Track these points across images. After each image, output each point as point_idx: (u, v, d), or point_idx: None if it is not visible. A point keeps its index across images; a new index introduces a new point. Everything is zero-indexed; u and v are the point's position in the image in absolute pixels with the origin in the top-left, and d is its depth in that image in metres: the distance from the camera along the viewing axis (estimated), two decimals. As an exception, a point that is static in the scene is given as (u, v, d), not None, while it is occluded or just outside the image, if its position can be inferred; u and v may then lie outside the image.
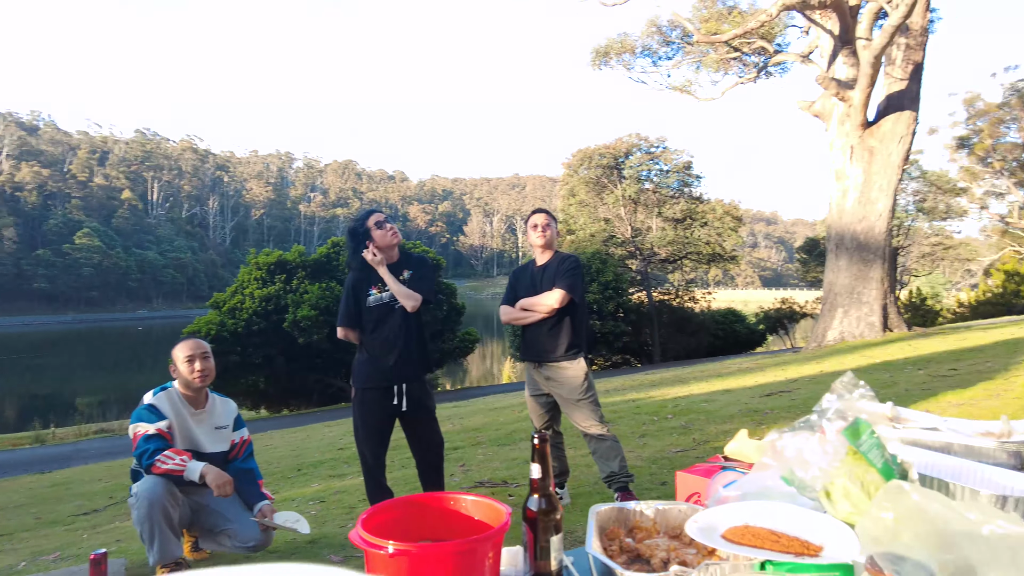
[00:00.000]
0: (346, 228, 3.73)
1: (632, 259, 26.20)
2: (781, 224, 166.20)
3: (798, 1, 11.91)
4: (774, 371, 9.25)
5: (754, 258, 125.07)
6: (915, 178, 27.21)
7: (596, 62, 19.40)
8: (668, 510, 1.27)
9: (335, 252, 17.51)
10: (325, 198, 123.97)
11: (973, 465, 1.27)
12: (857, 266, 12.05)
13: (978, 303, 23.69)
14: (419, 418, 3.46)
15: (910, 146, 12.04)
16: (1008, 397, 5.31)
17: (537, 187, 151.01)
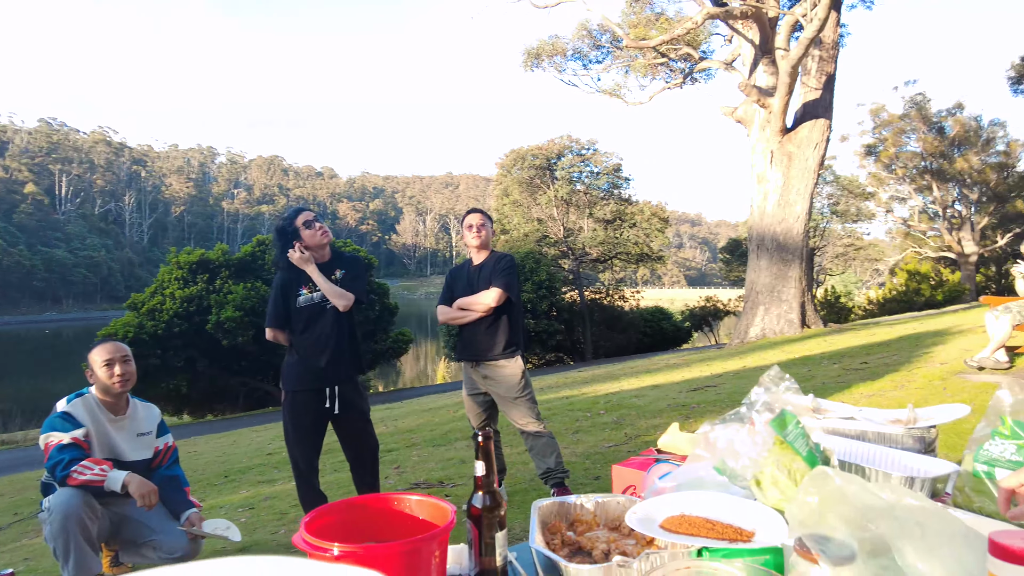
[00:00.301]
0: (273, 227, 3.63)
1: (565, 259, 26.59)
2: (705, 225, 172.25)
3: (721, 11, 12.40)
4: (700, 367, 9.59)
5: (680, 258, 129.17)
6: (829, 182, 28.80)
7: (528, 63, 19.55)
8: (607, 503, 1.31)
9: (260, 251, 16.95)
10: (250, 195, 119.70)
11: (885, 450, 1.37)
12: (777, 266, 12.64)
13: (885, 300, 25.29)
14: (352, 420, 3.41)
15: (825, 152, 12.73)
16: (912, 387, 5.70)
17: (471, 186, 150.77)
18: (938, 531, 0.84)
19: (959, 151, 27.51)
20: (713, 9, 12.34)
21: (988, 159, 27.47)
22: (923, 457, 1.33)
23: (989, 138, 27.63)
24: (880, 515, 0.87)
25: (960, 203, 28.04)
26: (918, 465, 1.30)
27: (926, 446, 1.49)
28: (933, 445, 1.51)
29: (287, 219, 3.42)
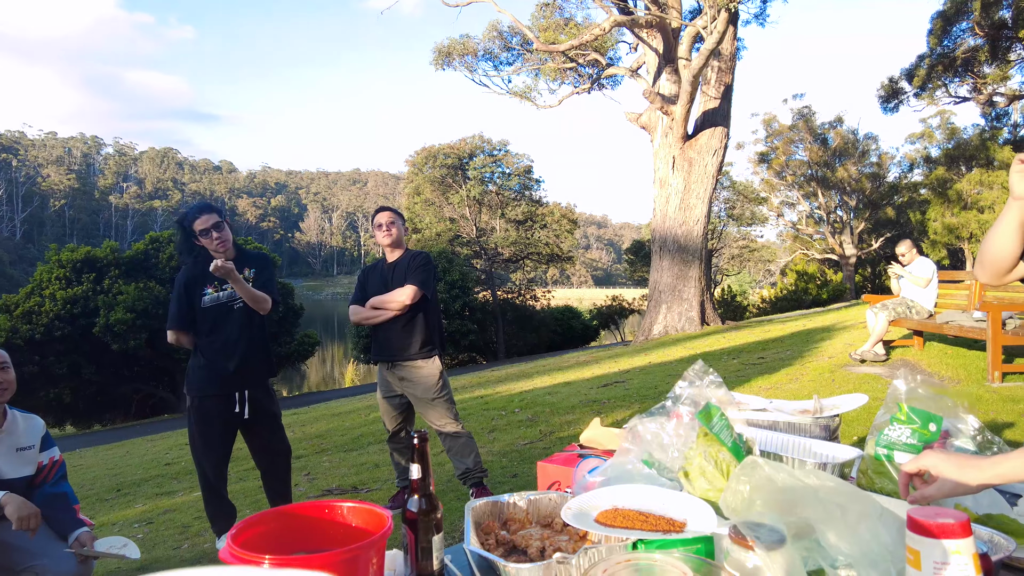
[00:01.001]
0: (175, 220, 3.39)
1: (477, 259, 26.63)
2: (611, 227, 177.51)
3: (627, 19, 12.80)
4: (608, 363, 9.86)
5: (588, 259, 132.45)
6: (726, 188, 30.38)
7: (438, 62, 19.41)
8: (539, 500, 1.31)
9: (154, 248, 15.92)
10: (141, 189, 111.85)
11: (798, 439, 1.45)
12: (678, 266, 13.20)
13: (776, 299, 27.01)
14: (264, 426, 3.26)
15: (722, 159, 13.43)
16: (804, 380, 6.11)
17: (380, 183, 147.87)
18: (857, 511, 0.89)
19: (840, 161, 29.81)
20: (619, 17, 12.72)
21: (864, 169, 29.93)
22: (831, 444, 1.42)
23: (864, 150, 30.11)
24: (805, 500, 0.92)
25: (841, 209, 30.37)
26: (827, 452, 1.39)
27: (830, 434, 1.59)
28: (836, 433, 1.62)
29: (188, 217, 3.19)
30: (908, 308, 6.32)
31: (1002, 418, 4.24)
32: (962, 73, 21.48)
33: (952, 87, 22.64)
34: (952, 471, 0.95)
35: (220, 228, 3.15)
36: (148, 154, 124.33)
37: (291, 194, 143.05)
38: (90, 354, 14.44)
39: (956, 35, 20.45)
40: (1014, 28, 18.03)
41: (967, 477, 0.94)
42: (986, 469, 0.94)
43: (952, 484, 0.96)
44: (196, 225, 3.12)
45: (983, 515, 1.18)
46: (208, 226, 3.12)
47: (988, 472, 0.93)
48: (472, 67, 19.39)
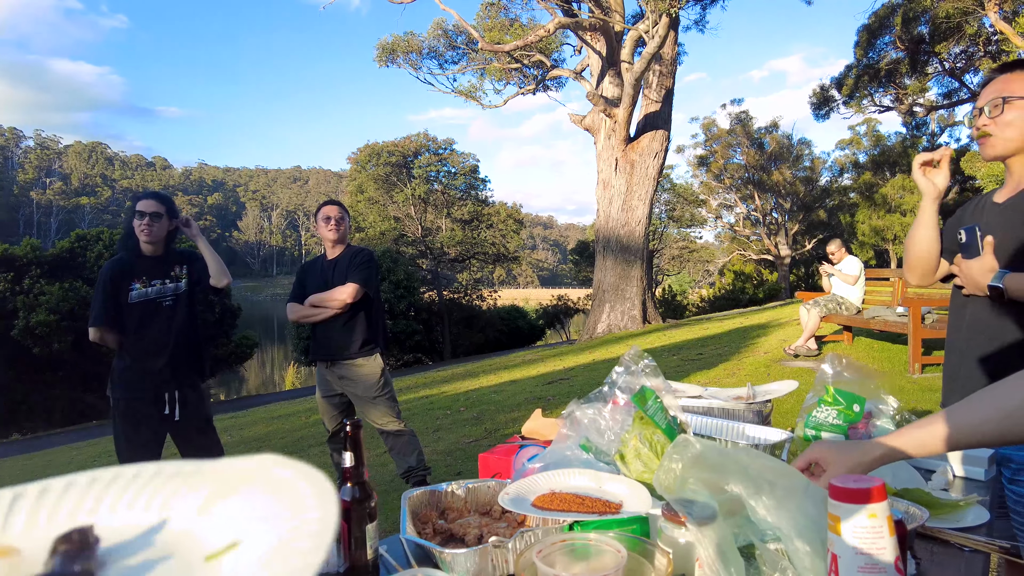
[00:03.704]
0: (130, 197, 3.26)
1: (423, 258, 26.41)
2: (556, 228, 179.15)
3: (571, 21, 12.94)
4: (554, 361, 9.94)
5: (534, 259, 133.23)
6: (667, 190, 31.10)
7: (382, 59, 19.18)
8: (478, 488, 1.30)
9: (80, 247, 15.13)
10: (66, 185, 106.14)
11: (731, 423, 1.48)
12: (621, 266, 13.43)
13: (715, 298, 27.82)
14: (196, 429, 3.13)
15: (663, 161, 13.73)
16: (741, 375, 6.31)
17: (321, 181, 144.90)
18: (785, 487, 0.91)
19: (775, 165, 30.94)
20: (564, 19, 12.85)
21: (798, 173, 31.17)
22: (762, 427, 1.46)
23: (798, 155, 31.36)
24: (735, 476, 0.94)
25: (776, 211, 31.53)
26: (759, 434, 1.43)
27: (763, 419, 1.64)
28: (768, 418, 1.67)
29: (141, 196, 3.09)
30: (838, 304, 6.60)
31: (921, 406, 4.48)
32: (885, 84, 22.60)
33: (877, 97, 23.80)
34: (837, 458, 0.98)
35: (156, 219, 3.02)
36: (74, 148, 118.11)
37: (229, 192, 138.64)
38: (8, 358, 13.61)
39: (880, 48, 21.52)
40: (931, 43, 19.10)
41: (851, 462, 0.97)
42: (868, 453, 0.97)
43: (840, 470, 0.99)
44: (139, 204, 3.02)
45: (900, 489, 1.24)
46: (147, 211, 3.00)
47: (868, 456, 0.97)
48: (417, 65, 19.24)
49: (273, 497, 0.40)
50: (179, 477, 0.44)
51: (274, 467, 0.42)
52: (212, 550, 0.38)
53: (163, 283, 3.08)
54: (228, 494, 0.42)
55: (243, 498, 0.41)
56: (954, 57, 20.47)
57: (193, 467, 0.44)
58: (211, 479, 0.43)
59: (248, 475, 0.42)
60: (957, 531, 1.13)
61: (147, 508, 0.42)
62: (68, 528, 0.38)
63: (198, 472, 0.44)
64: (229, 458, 0.44)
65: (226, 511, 0.41)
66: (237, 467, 0.43)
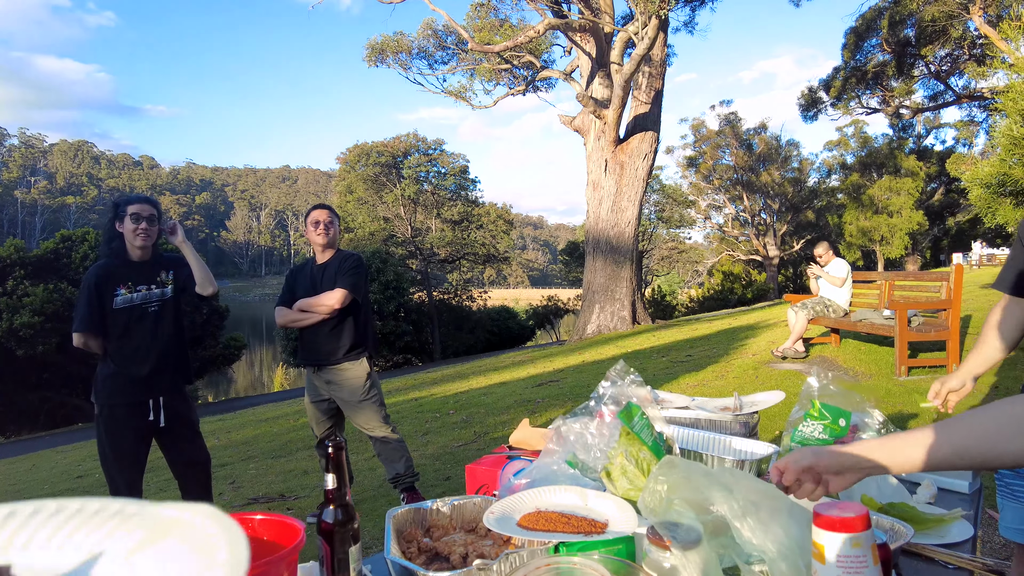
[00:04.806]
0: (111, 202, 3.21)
1: (412, 259, 26.36)
2: (547, 228, 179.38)
3: (561, 22, 12.95)
4: (543, 363, 9.94)
5: (524, 259, 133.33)
6: (656, 191, 31.21)
7: (371, 59, 19.10)
8: (463, 505, 1.29)
9: (65, 247, 14.97)
10: (51, 184, 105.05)
11: (717, 436, 1.48)
12: (611, 267, 13.45)
13: (704, 298, 27.94)
14: (180, 433, 3.09)
15: (653, 162, 13.76)
16: (730, 377, 6.33)
17: (310, 181, 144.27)
18: (769, 508, 0.91)
19: (764, 166, 31.13)
20: (554, 20, 12.85)
21: (786, 174, 31.37)
22: (749, 441, 1.46)
23: (787, 156, 31.56)
24: (720, 498, 0.93)
25: (765, 212, 31.71)
26: (746, 448, 1.42)
27: (749, 430, 1.64)
28: (755, 429, 1.67)
29: (128, 199, 3.04)
30: (826, 307, 6.64)
31: (907, 410, 4.51)
32: (872, 86, 22.80)
33: (864, 99, 24.00)
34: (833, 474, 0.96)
35: (152, 223, 3.00)
36: (60, 147, 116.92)
37: (217, 191, 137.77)
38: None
39: (867, 50, 21.69)
40: (917, 46, 19.28)
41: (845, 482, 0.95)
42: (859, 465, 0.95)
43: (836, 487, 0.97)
44: (131, 207, 2.97)
45: (886, 504, 1.24)
46: (143, 214, 2.98)
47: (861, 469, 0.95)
48: (406, 65, 19.17)
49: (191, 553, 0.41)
50: (119, 517, 0.44)
51: (206, 521, 0.43)
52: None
53: (149, 289, 3.04)
54: (157, 541, 0.43)
55: (166, 550, 0.42)
56: (939, 60, 20.67)
57: (136, 507, 0.45)
58: (146, 523, 0.44)
59: (180, 524, 0.43)
60: (942, 547, 1.13)
61: (78, 548, 0.43)
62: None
63: (138, 514, 0.44)
64: (170, 503, 0.45)
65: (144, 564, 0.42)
66: (172, 515, 0.44)
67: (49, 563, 0.42)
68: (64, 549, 0.42)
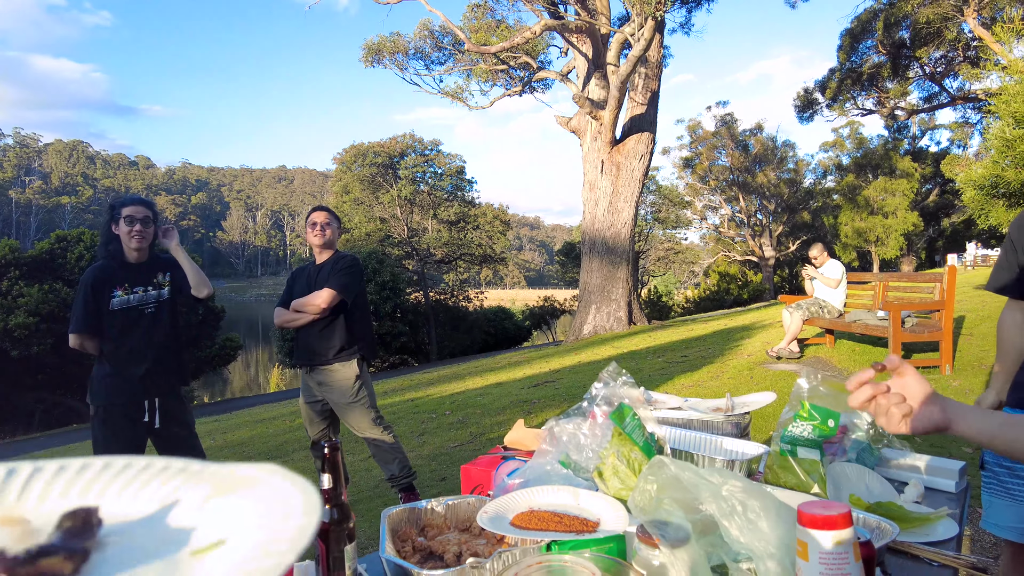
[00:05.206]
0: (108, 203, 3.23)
1: (409, 259, 26.35)
2: (543, 229, 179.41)
3: (557, 23, 12.97)
4: (540, 363, 9.96)
5: (520, 260, 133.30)
6: (652, 191, 31.27)
7: (368, 59, 19.09)
8: (458, 504, 1.30)
9: (61, 248, 14.93)
10: (46, 184, 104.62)
11: (709, 436, 1.50)
12: (607, 267, 13.48)
13: (700, 299, 28.00)
14: (176, 435, 3.10)
15: (649, 163, 13.80)
16: (725, 377, 6.35)
17: (307, 181, 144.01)
18: (756, 507, 0.93)
19: (760, 167, 31.21)
20: (550, 21, 12.88)
21: (782, 175, 31.46)
22: (740, 441, 1.48)
23: (783, 157, 31.64)
24: (708, 497, 0.95)
25: (761, 213, 31.79)
26: (736, 448, 1.44)
27: (741, 430, 1.66)
28: (747, 429, 1.69)
29: (124, 200, 3.06)
30: (820, 307, 6.67)
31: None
32: (868, 87, 22.89)
33: (860, 100, 24.10)
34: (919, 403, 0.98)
35: (147, 224, 3.01)
36: (55, 146, 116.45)
37: (213, 192, 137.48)
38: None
39: (862, 52, 21.78)
40: (912, 48, 19.37)
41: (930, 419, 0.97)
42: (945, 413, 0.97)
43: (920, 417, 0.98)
44: (126, 210, 2.99)
45: (874, 503, 1.26)
46: (138, 216, 3.00)
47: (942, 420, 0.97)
48: (403, 66, 19.15)
49: (265, 503, 0.42)
50: (185, 473, 0.46)
51: (275, 476, 0.44)
52: (199, 546, 0.40)
53: (145, 290, 3.06)
54: (226, 494, 0.44)
55: (238, 501, 0.43)
56: (934, 62, 20.76)
57: (200, 466, 0.46)
58: (213, 479, 0.45)
59: (249, 480, 0.45)
60: (927, 545, 1.15)
61: (150, 499, 0.45)
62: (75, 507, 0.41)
63: (203, 471, 0.46)
64: (236, 463, 0.47)
65: (220, 511, 0.43)
66: (241, 472, 0.46)
67: (127, 510, 0.43)
68: (138, 499, 0.44)
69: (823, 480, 1.32)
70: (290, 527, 0.38)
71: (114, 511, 0.43)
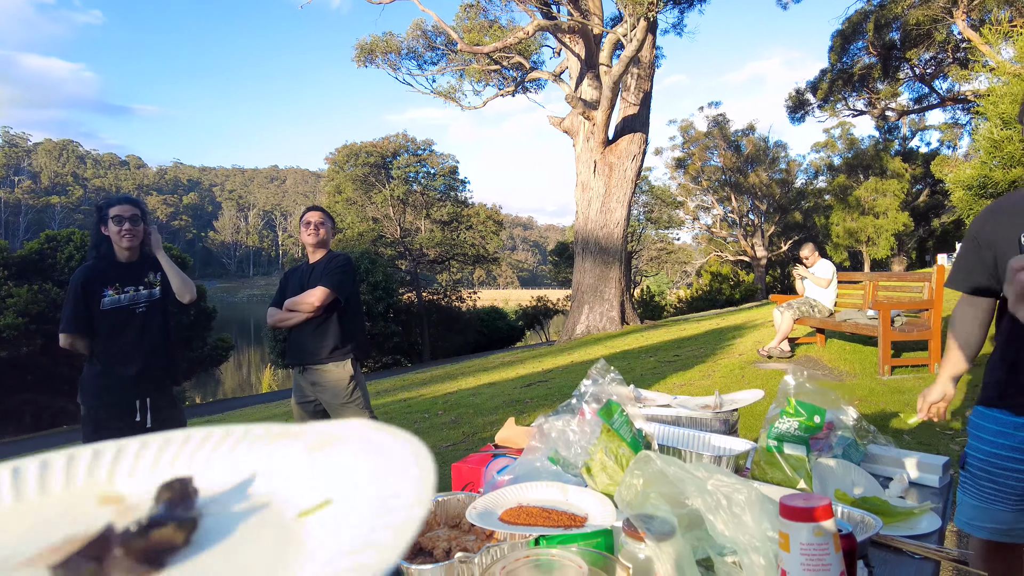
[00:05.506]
0: (96, 205, 3.21)
1: (402, 260, 26.32)
2: (536, 229, 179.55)
3: (550, 24, 13.00)
4: (532, 363, 9.97)
5: (513, 260, 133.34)
6: (645, 192, 31.34)
7: (360, 59, 19.06)
8: (447, 501, 1.31)
9: (50, 248, 14.83)
10: (36, 184, 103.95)
11: (697, 433, 1.51)
12: (600, 268, 13.51)
13: (692, 299, 28.10)
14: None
15: (641, 164, 13.84)
16: (716, 376, 6.38)
17: (299, 181, 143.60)
18: (741, 501, 0.94)
19: (752, 167, 31.34)
20: (543, 21, 12.90)
21: (774, 175, 31.59)
22: (728, 438, 1.49)
23: (774, 157, 31.78)
24: (694, 492, 0.96)
25: (753, 213, 31.92)
26: (724, 444, 1.46)
27: (729, 427, 1.67)
28: (735, 426, 1.71)
29: (110, 201, 3.05)
30: (811, 307, 6.71)
31: (890, 408, 4.58)
32: (859, 88, 23.02)
33: (851, 101, 24.23)
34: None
35: (135, 222, 3.00)
36: (44, 146, 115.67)
37: (204, 191, 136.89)
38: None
39: (853, 53, 21.91)
40: (902, 49, 19.50)
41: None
42: None
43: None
44: (113, 210, 2.98)
45: (859, 498, 1.28)
46: (125, 215, 2.98)
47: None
48: (395, 65, 19.13)
49: (366, 457, 0.40)
50: (269, 437, 0.45)
51: (366, 430, 0.43)
52: (304, 507, 0.39)
53: (136, 290, 3.05)
54: (320, 451, 0.42)
55: (335, 457, 0.41)
56: (924, 63, 20.91)
57: (280, 429, 0.45)
58: (302, 439, 0.44)
59: (339, 437, 0.43)
60: (910, 539, 1.17)
61: (239, 465, 0.43)
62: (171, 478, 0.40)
63: (287, 433, 0.45)
64: (320, 422, 0.45)
65: (317, 469, 0.41)
66: (328, 429, 0.44)
67: (220, 478, 0.42)
68: (228, 466, 0.43)
69: (809, 476, 1.34)
70: (408, 478, 0.36)
71: (207, 480, 0.42)
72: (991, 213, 1.79)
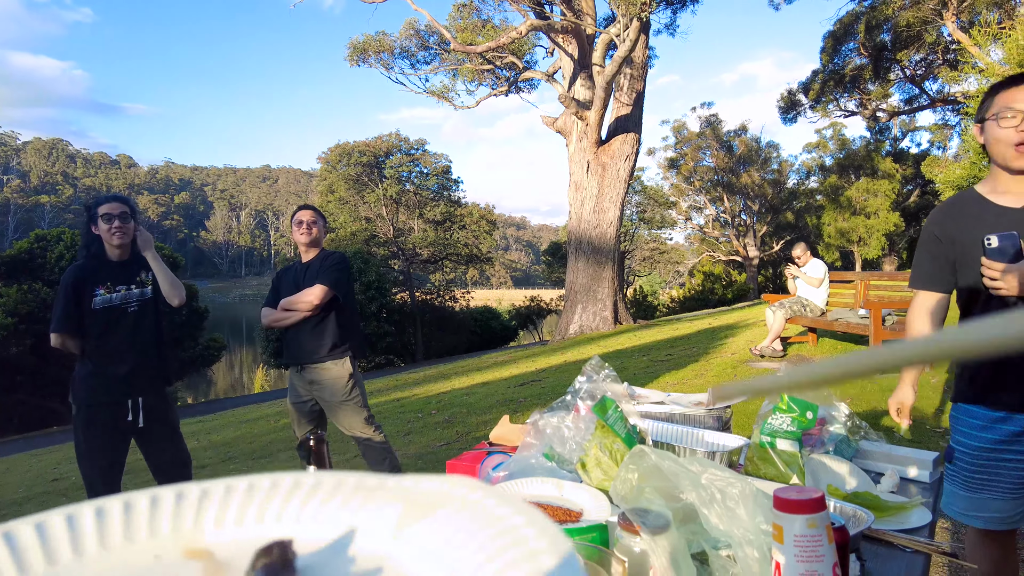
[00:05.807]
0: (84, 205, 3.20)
1: (395, 259, 26.27)
2: (529, 229, 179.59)
3: (543, 24, 13.01)
4: (526, 363, 9.98)
5: (507, 260, 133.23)
6: (637, 192, 31.40)
7: (353, 58, 19.02)
8: (443, 498, 1.31)
9: (40, 247, 14.72)
10: (25, 183, 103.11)
11: (690, 429, 1.52)
12: (593, 267, 13.53)
13: (685, 299, 28.19)
14: (160, 435, 3.08)
15: (634, 164, 13.87)
16: (709, 375, 6.41)
17: (291, 180, 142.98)
18: (735, 495, 0.95)
19: (744, 168, 31.44)
20: (536, 21, 12.91)
21: (766, 176, 31.71)
22: (721, 434, 1.51)
23: (767, 157, 31.90)
24: (688, 486, 0.97)
25: (745, 213, 32.03)
26: (717, 441, 1.47)
27: (723, 424, 1.68)
28: (728, 423, 1.72)
29: (98, 200, 3.03)
30: (803, 306, 6.75)
31: (882, 407, 4.61)
32: (850, 89, 23.15)
33: (842, 101, 24.36)
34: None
35: (125, 220, 2.98)
36: (33, 145, 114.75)
37: (196, 191, 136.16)
38: (-36, 363, 13.21)
39: (844, 54, 22.03)
40: (893, 50, 19.62)
41: None
42: None
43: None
44: (102, 208, 2.97)
45: (851, 493, 1.29)
46: (114, 212, 2.97)
47: None
48: (388, 65, 19.10)
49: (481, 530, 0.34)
50: (362, 491, 0.40)
51: (476, 493, 0.37)
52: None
53: (128, 289, 3.03)
54: (422, 516, 0.37)
55: (441, 523, 0.36)
56: (914, 64, 21.05)
57: (376, 482, 0.40)
58: (400, 497, 0.39)
59: (441, 497, 0.38)
60: (901, 533, 1.18)
61: (333, 522, 0.39)
62: (263, 539, 0.36)
63: (382, 488, 0.40)
64: (415, 475, 0.40)
65: (424, 535, 0.36)
66: (426, 487, 0.39)
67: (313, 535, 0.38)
68: (320, 522, 0.39)
69: (802, 471, 1.35)
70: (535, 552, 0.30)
71: (301, 538, 0.37)
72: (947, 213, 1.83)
